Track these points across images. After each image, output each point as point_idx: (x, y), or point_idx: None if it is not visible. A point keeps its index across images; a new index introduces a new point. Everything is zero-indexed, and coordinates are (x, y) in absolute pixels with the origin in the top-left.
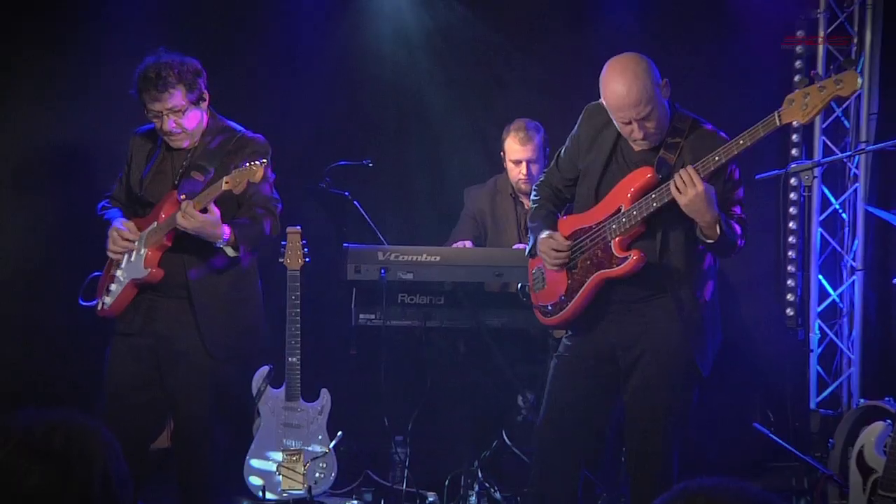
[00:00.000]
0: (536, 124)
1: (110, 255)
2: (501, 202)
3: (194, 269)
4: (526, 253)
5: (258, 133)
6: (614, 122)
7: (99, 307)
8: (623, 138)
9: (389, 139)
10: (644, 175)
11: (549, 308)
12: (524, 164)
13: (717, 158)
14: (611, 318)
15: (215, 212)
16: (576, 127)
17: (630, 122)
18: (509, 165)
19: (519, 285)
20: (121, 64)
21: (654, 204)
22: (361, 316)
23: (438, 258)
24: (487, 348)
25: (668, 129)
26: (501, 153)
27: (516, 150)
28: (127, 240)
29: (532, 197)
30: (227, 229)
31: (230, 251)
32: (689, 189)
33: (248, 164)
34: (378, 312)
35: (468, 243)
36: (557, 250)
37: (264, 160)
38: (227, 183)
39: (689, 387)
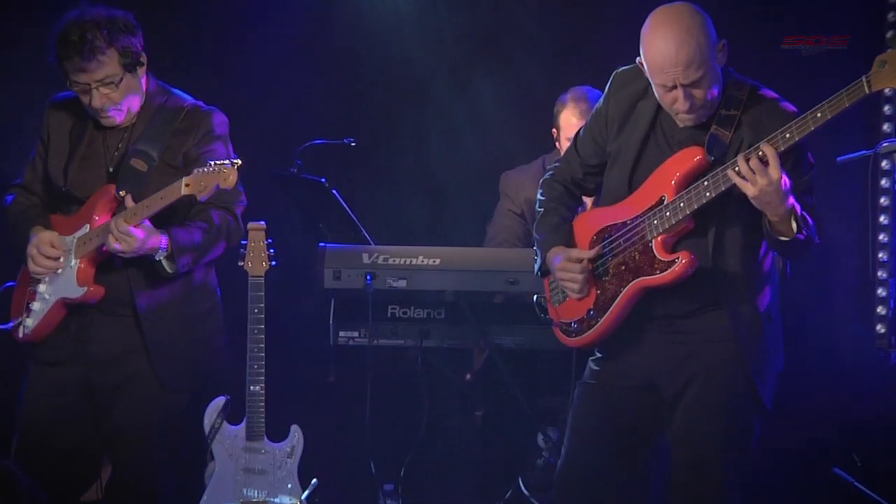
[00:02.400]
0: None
1: (33, 274)
2: None
3: (140, 280)
4: (535, 272)
5: (213, 105)
6: (654, 88)
7: (18, 332)
8: (665, 111)
9: (377, 114)
10: (692, 157)
11: (574, 326)
12: None
13: (787, 136)
14: (651, 336)
15: (148, 227)
16: (601, 99)
17: (674, 88)
18: (563, 144)
19: (535, 298)
20: (34, 23)
21: (708, 193)
22: (342, 333)
23: (438, 261)
24: (499, 374)
25: (720, 102)
26: (554, 130)
27: (573, 124)
28: (51, 258)
29: (538, 197)
30: (163, 240)
31: (167, 265)
32: (760, 177)
33: (216, 165)
34: (363, 329)
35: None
36: (574, 273)
37: (237, 161)
38: (186, 186)
39: (750, 423)
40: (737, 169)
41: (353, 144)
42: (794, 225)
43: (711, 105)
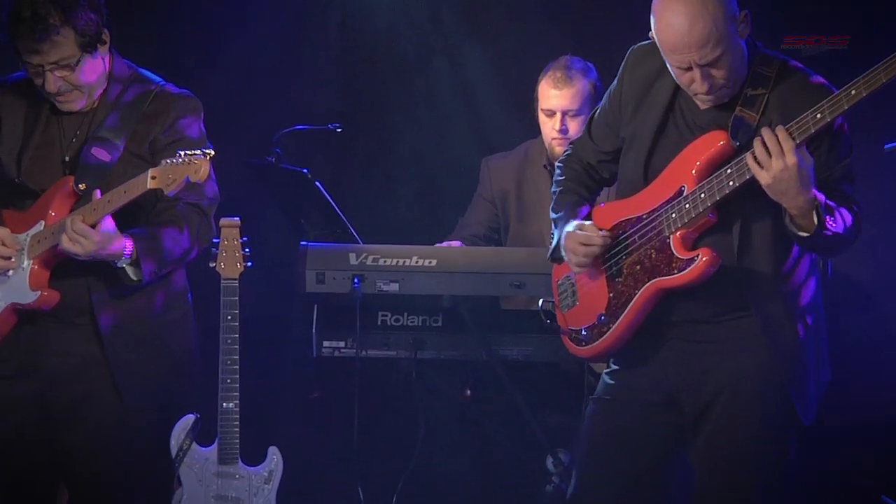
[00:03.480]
0: (586, 65)
1: None
2: (532, 177)
3: (100, 286)
4: (548, 256)
5: (184, 88)
6: (669, 68)
7: None
8: (684, 92)
9: (367, 98)
10: (715, 142)
11: (584, 334)
12: (558, 115)
13: (818, 116)
14: (671, 345)
15: (110, 225)
16: (616, 79)
17: (690, 69)
18: (541, 119)
19: (540, 303)
20: None
21: (731, 183)
22: (326, 344)
23: (434, 262)
24: (504, 390)
25: (745, 79)
26: (535, 104)
27: (550, 95)
28: (1, 257)
29: (555, 177)
30: (128, 243)
31: (131, 273)
32: (774, 161)
33: (186, 156)
34: (349, 339)
35: (455, 244)
36: (587, 244)
37: (210, 151)
38: (153, 179)
39: (785, 442)
40: (755, 154)
41: (338, 130)
42: (814, 218)
43: (735, 84)
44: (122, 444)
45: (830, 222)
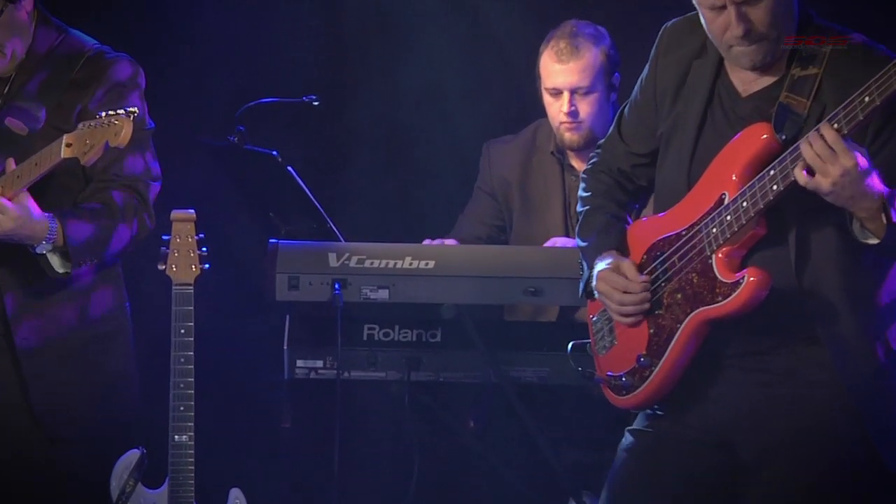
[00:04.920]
0: (597, 30)
1: None
2: (539, 166)
3: (14, 283)
4: (580, 293)
5: (121, 52)
6: (703, 23)
7: None
8: (724, 75)
9: (349, 67)
10: (756, 137)
11: (624, 380)
12: (566, 95)
13: (866, 99)
14: (727, 377)
15: (28, 201)
16: (648, 65)
17: (724, 7)
18: (546, 100)
19: (569, 347)
20: None
21: (774, 186)
22: (301, 363)
23: (432, 264)
24: (516, 419)
25: (793, 57)
26: (538, 83)
27: (554, 71)
28: None
29: (580, 192)
30: (52, 225)
31: (56, 263)
32: (830, 167)
33: (105, 116)
34: (328, 357)
35: (450, 242)
36: (628, 292)
37: (134, 109)
38: (68, 147)
39: (867, 497)
40: (801, 157)
41: (315, 104)
42: (883, 218)
43: (777, 41)
44: (46, 486)
45: None
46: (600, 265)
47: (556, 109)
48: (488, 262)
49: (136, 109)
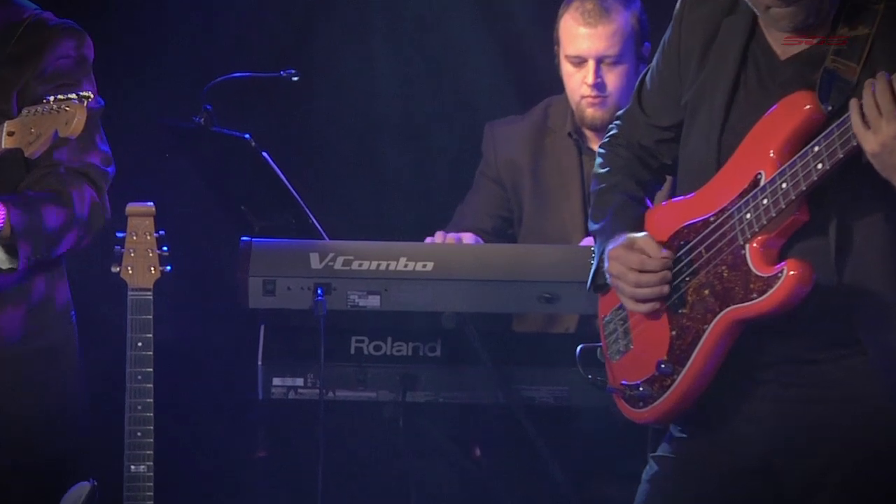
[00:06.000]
0: None
1: None
2: (553, 149)
3: None
4: (588, 285)
5: (66, 19)
6: None
7: None
8: (759, 34)
9: (335, 38)
10: (799, 107)
11: (641, 390)
12: (591, 64)
13: None
14: (764, 392)
15: None
16: (670, 27)
17: None
18: (566, 70)
19: (579, 350)
20: None
21: (819, 165)
22: (277, 382)
23: (430, 265)
24: (528, 447)
25: (839, 16)
26: (556, 49)
27: (577, 35)
28: None
29: (596, 168)
30: None
31: (6, 259)
32: (885, 124)
33: (54, 101)
34: (310, 375)
35: (467, 237)
36: (645, 271)
37: (88, 94)
38: (10, 136)
39: None
40: (862, 110)
41: (294, 79)
42: None
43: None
44: None
45: None
46: (612, 244)
47: (578, 81)
48: (496, 263)
49: (90, 94)
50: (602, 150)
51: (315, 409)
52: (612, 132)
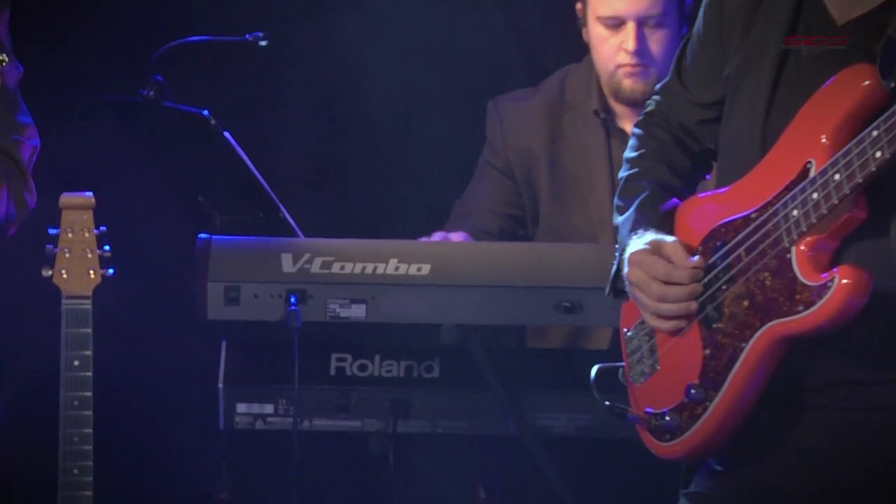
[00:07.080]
0: None
1: None
2: (573, 129)
3: None
4: (607, 289)
5: None
6: None
7: None
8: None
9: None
10: (856, 83)
11: (667, 419)
12: (631, 26)
13: None
14: (818, 419)
15: None
16: None
17: None
18: (596, 35)
19: (594, 370)
20: None
21: (878, 153)
22: (242, 408)
23: (427, 269)
24: (544, 486)
25: None
26: (579, 5)
27: None
28: None
29: (627, 150)
30: None
31: None
32: None
33: None
34: (282, 400)
35: (457, 235)
36: (672, 282)
37: (3, 58)
38: None
39: None
40: None
41: (262, 44)
42: None
43: None
44: None
45: None
46: (634, 245)
47: (614, 47)
48: (505, 265)
49: (5, 58)
50: (637, 130)
51: (287, 442)
52: (648, 108)
